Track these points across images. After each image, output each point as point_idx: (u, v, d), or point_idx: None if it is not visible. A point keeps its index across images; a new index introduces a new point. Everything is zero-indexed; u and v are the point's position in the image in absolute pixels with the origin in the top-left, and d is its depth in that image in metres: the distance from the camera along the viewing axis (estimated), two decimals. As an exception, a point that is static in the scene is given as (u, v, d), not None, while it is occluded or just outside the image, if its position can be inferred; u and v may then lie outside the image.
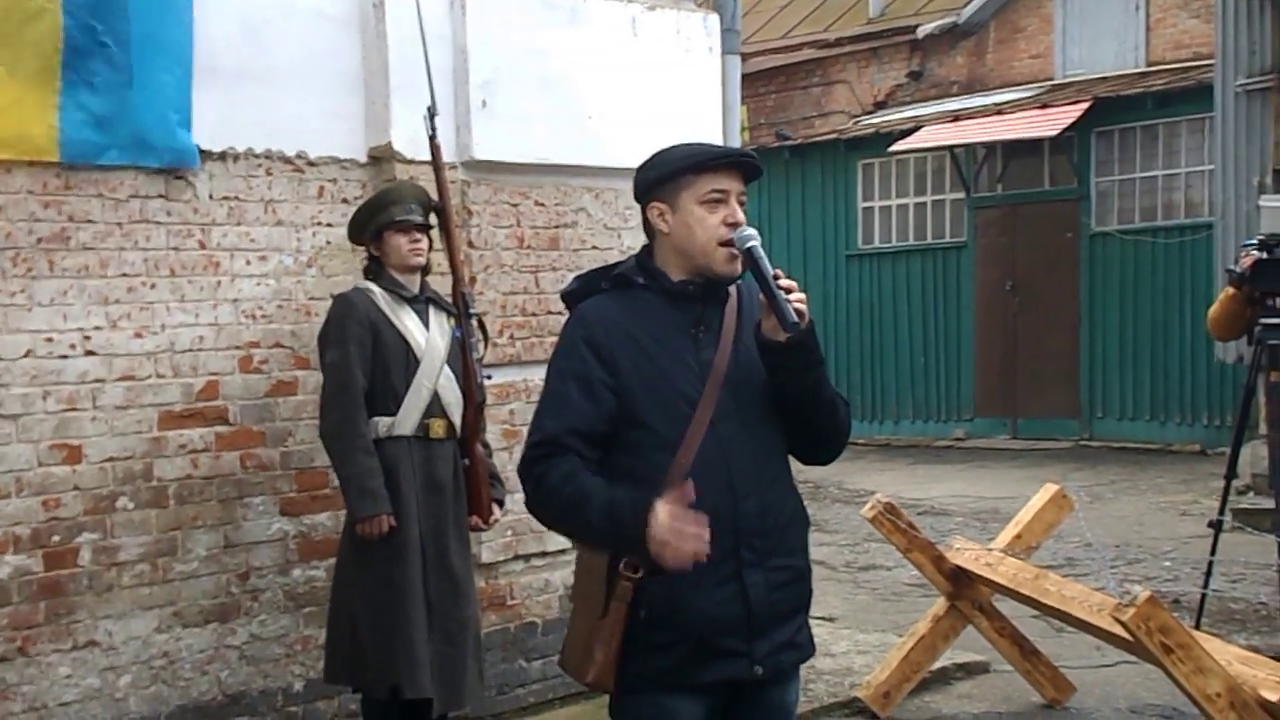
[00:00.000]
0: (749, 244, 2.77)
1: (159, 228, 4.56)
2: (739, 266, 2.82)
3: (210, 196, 4.67)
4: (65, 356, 4.36)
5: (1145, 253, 13.37)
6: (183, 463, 4.61)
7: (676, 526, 2.64)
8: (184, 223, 4.62)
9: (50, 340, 4.33)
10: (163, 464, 4.57)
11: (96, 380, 4.43)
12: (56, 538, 4.34)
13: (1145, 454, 12.83)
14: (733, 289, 2.91)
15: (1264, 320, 5.66)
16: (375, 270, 4.58)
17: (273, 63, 4.76)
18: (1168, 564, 8.21)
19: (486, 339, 4.79)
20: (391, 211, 4.52)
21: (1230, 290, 5.83)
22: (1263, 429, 6.14)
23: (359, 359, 4.40)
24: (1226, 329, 6.09)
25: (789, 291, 2.73)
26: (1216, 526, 5.88)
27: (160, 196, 4.56)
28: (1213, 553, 5.89)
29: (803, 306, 2.74)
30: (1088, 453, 13.23)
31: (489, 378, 4.74)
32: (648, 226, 2.91)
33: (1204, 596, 6.01)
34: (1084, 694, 5.67)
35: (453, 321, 4.62)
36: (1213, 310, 6.11)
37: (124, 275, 4.49)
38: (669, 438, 2.77)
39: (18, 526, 4.26)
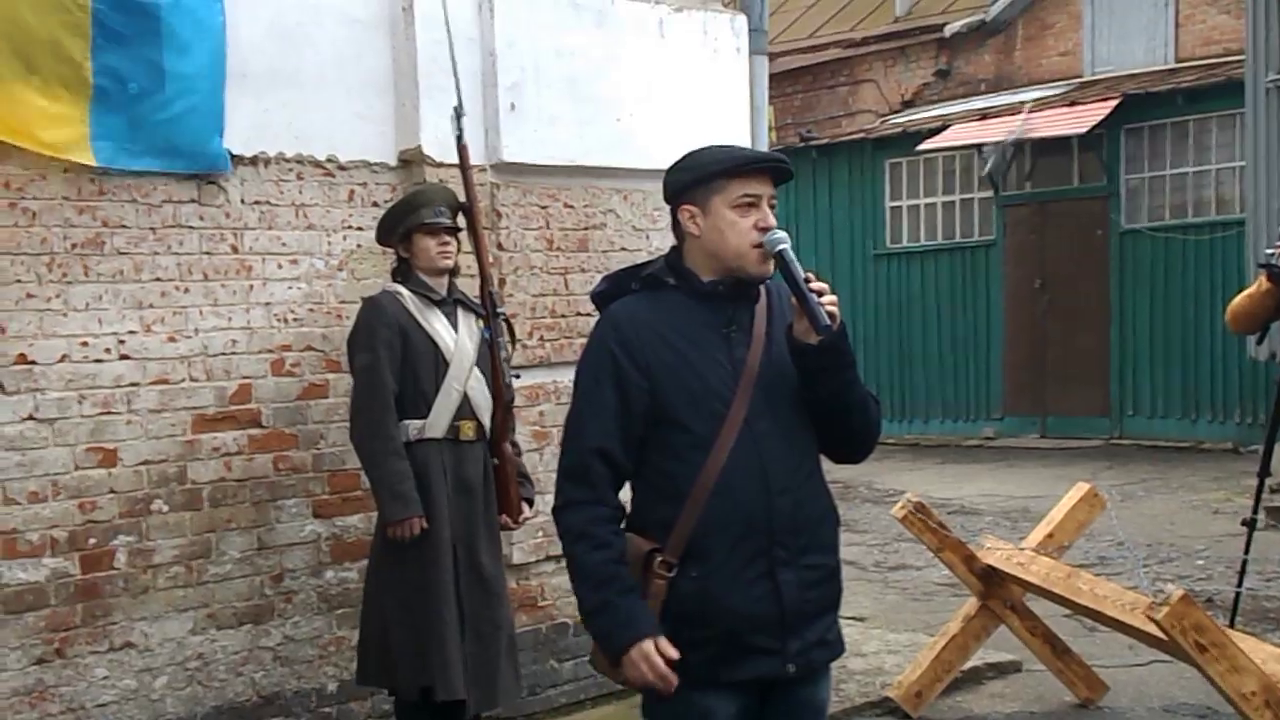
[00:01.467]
0: (780, 247, 2.78)
1: (192, 232, 4.60)
2: (771, 268, 2.83)
3: (242, 201, 4.71)
4: (100, 361, 4.41)
5: (1176, 250, 13.28)
6: (216, 465, 4.65)
7: (648, 670, 2.73)
8: (216, 227, 4.65)
9: (85, 345, 4.38)
10: (197, 467, 4.61)
11: (131, 384, 4.47)
12: (93, 540, 4.38)
13: (1177, 452, 12.75)
14: (762, 289, 2.92)
15: None
16: (404, 273, 4.60)
17: (303, 67, 4.80)
18: (1201, 563, 8.16)
19: (514, 340, 4.81)
20: (420, 214, 4.54)
21: (1266, 285, 5.65)
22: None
23: (388, 362, 4.42)
24: (1250, 323, 5.88)
25: (820, 294, 2.74)
26: (1250, 525, 5.82)
27: (193, 201, 4.60)
28: (1246, 551, 5.84)
29: (834, 309, 2.75)
30: (1118, 451, 13.16)
31: (517, 378, 4.76)
32: (677, 228, 2.92)
33: (1238, 595, 5.95)
34: (1117, 693, 5.64)
35: (481, 323, 4.63)
36: (1238, 302, 5.86)
37: (157, 280, 4.53)
38: (703, 436, 2.78)
39: (55, 529, 4.31)
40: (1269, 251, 5.70)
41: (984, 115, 14.76)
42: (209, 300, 4.64)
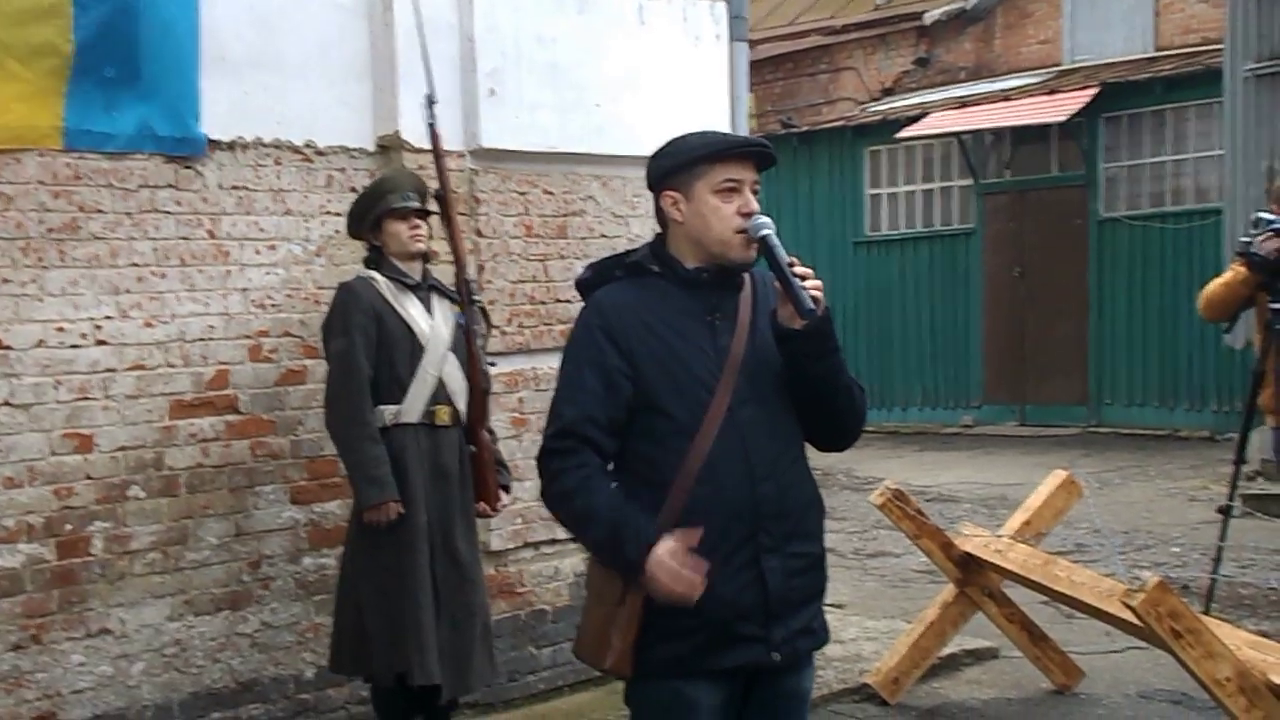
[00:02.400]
0: (763, 232, 2.78)
1: (168, 217, 4.57)
2: (754, 254, 2.83)
3: (219, 186, 4.68)
4: (76, 346, 4.38)
5: (1154, 238, 13.35)
6: (193, 451, 4.63)
7: (673, 566, 2.67)
8: (193, 212, 4.63)
9: (61, 330, 4.35)
10: (174, 453, 4.59)
11: (107, 370, 4.45)
12: (69, 526, 4.36)
13: (1154, 440, 12.83)
14: (746, 276, 2.91)
15: (1274, 305, 5.57)
16: (376, 260, 4.58)
17: (282, 52, 4.77)
18: (1177, 549, 8.21)
19: (490, 326, 4.80)
20: (389, 200, 4.53)
21: (1242, 272, 5.67)
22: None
23: (363, 347, 4.40)
24: (1223, 310, 5.91)
25: (804, 279, 2.74)
26: (1226, 512, 5.86)
27: (170, 186, 4.57)
28: (1222, 538, 5.88)
29: (818, 294, 2.75)
30: (1096, 439, 13.22)
31: (493, 365, 4.75)
32: (661, 215, 2.91)
33: (1213, 582, 6.00)
34: (1093, 679, 5.68)
35: (456, 309, 4.62)
36: (1213, 289, 5.88)
37: (134, 265, 4.50)
38: (687, 424, 2.78)
39: (30, 515, 4.28)
40: (1244, 239, 5.73)
41: (963, 103, 14.79)
42: (186, 285, 4.61)
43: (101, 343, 4.43)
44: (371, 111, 5.02)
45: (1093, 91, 13.41)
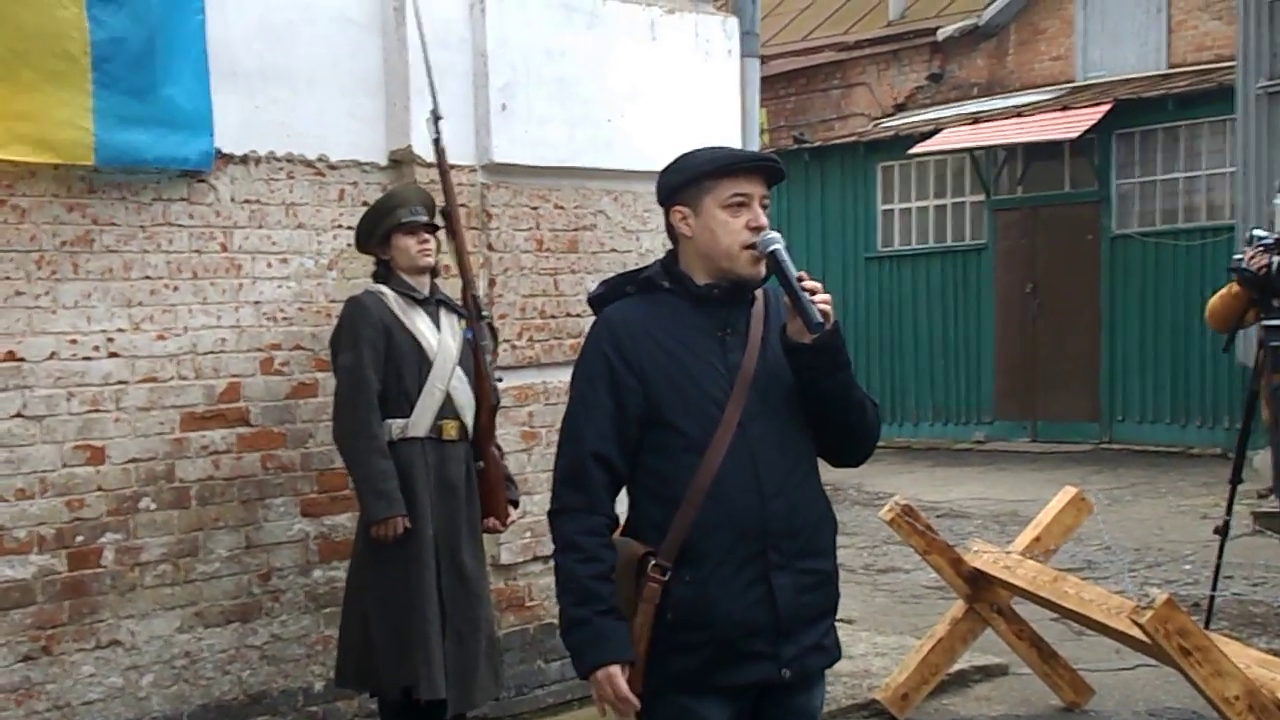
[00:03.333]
0: (772, 247, 2.78)
1: (181, 230, 4.60)
2: (763, 270, 2.83)
3: (232, 199, 4.71)
4: (89, 358, 4.40)
5: (1166, 255, 13.32)
6: (204, 464, 4.65)
7: (610, 695, 2.78)
8: (206, 226, 4.65)
9: (74, 342, 4.37)
10: (185, 465, 4.61)
11: (120, 382, 4.47)
12: (80, 538, 4.38)
13: (1166, 457, 12.79)
14: (759, 292, 2.92)
15: (1266, 323, 5.59)
16: (385, 274, 4.60)
17: (294, 66, 4.80)
18: (1188, 567, 8.18)
19: (497, 342, 4.81)
20: (397, 214, 4.55)
21: (1235, 289, 5.74)
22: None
23: (372, 361, 4.42)
24: (1225, 324, 6.03)
25: (813, 293, 2.74)
26: (1223, 531, 5.85)
27: (183, 200, 4.60)
28: (1219, 557, 5.87)
29: (828, 308, 2.74)
30: (1108, 456, 13.18)
31: (500, 380, 4.76)
32: (671, 230, 2.92)
33: (1212, 599, 6.00)
34: (1103, 697, 5.66)
35: (464, 323, 4.63)
36: (1215, 302, 6.01)
37: (147, 278, 4.53)
38: (697, 440, 2.78)
39: (42, 527, 4.30)
40: (1237, 256, 5.78)
41: (976, 119, 14.79)
42: (198, 298, 4.64)
43: (114, 355, 4.45)
44: (384, 126, 5.05)
45: (1105, 108, 13.40)
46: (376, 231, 4.58)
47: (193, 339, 4.62)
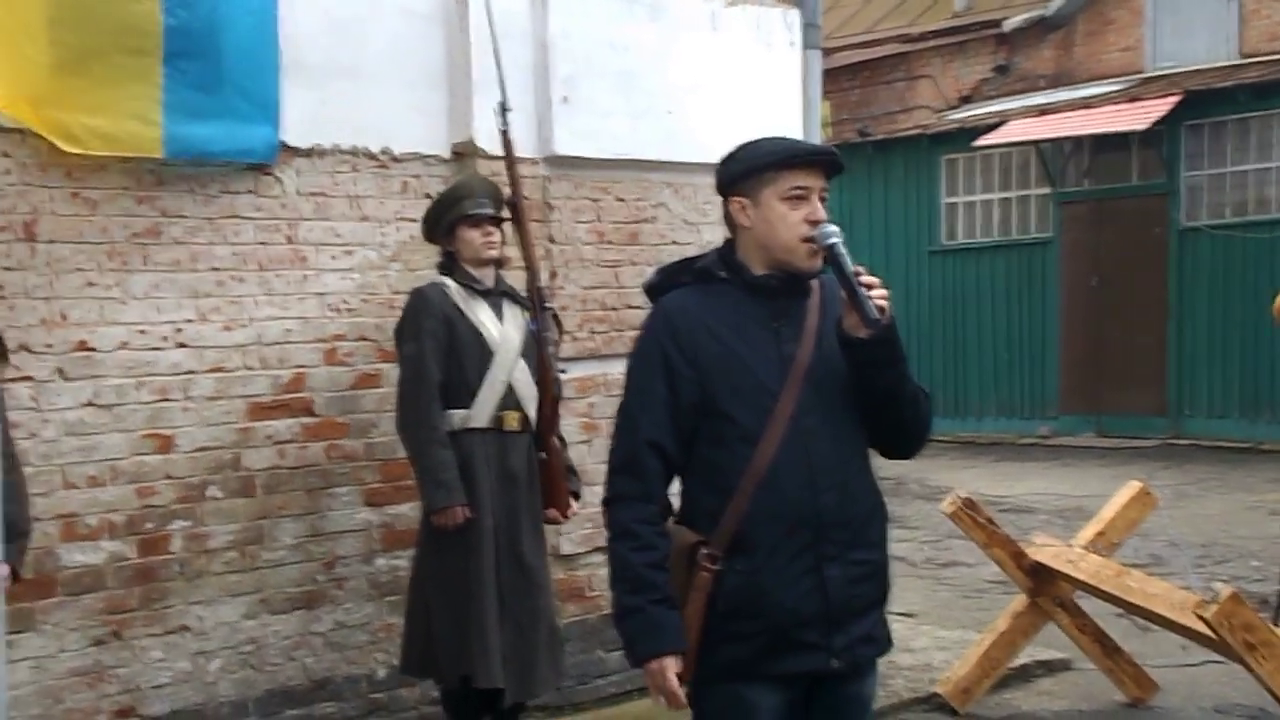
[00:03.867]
0: (830, 240, 2.77)
1: (247, 223, 4.67)
2: (820, 262, 2.82)
3: (297, 192, 4.77)
4: (158, 349, 4.48)
5: (1236, 248, 13.13)
6: (270, 453, 4.72)
7: (658, 687, 2.81)
8: (272, 218, 4.72)
9: (143, 333, 4.45)
10: (251, 454, 4.68)
11: (188, 372, 4.55)
12: (150, 525, 4.46)
13: (1235, 452, 12.61)
14: (814, 283, 2.91)
15: None
16: (449, 265, 4.64)
17: (359, 59, 4.85)
18: (1256, 564, 8.06)
19: (561, 333, 4.83)
20: (463, 206, 4.58)
21: None
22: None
23: (433, 352, 4.45)
24: None
25: (871, 288, 2.73)
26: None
27: (249, 192, 4.67)
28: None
29: (884, 303, 2.73)
30: (1175, 451, 13.02)
31: (564, 371, 4.78)
32: (729, 220, 2.92)
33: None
34: (1168, 693, 5.60)
35: (527, 315, 4.66)
36: None
37: (214, 269, 4.60)
38: (751, 430, 2.79)
39: (113, 514, 4.39)
40: None
41: (1043, 111, 14.64)
42: (264, 290, 4.71)
43: (182, 345, 4.53)
44: (446, 118, 5.09)
45: (1175, 99, 13.22)
46: (442, 222, 4.62)
47: (258, 330, 4.69)
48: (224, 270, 4.62)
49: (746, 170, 2.86)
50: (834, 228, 2.80)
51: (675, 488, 2.92)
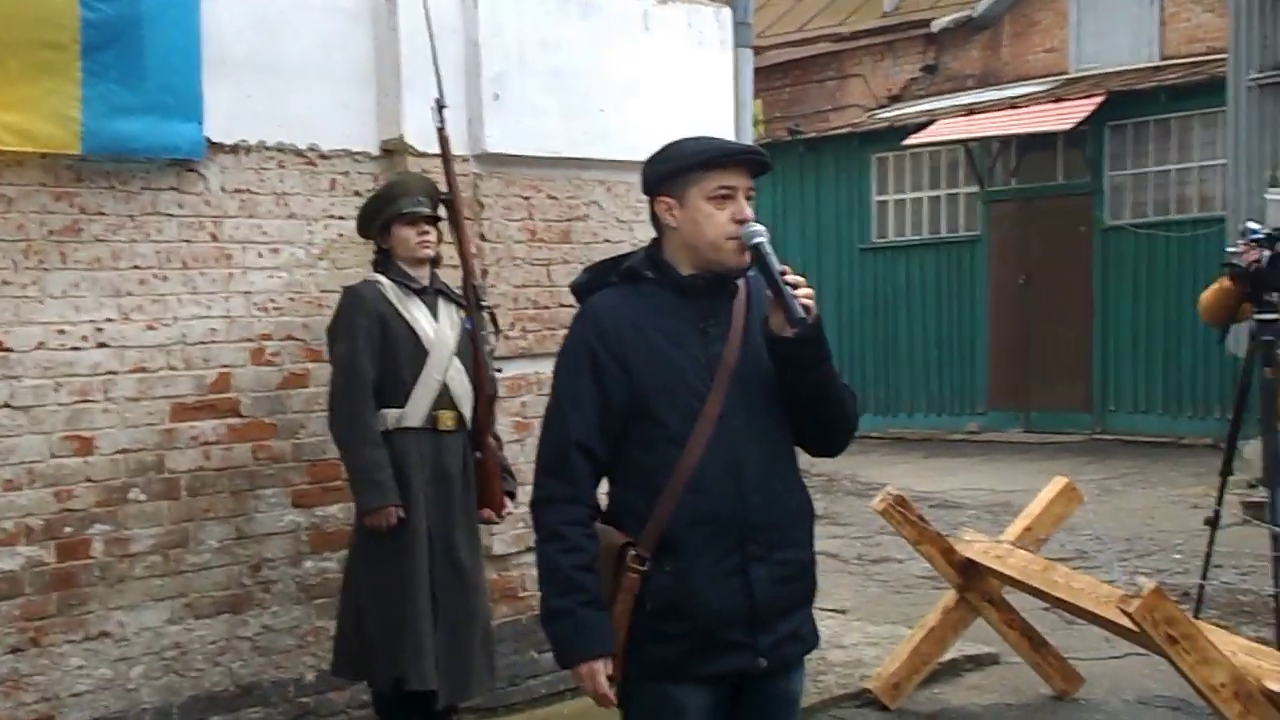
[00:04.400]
0: (756, 240, 2.78)
1: (171, 220, 4.59)
2: (747, 260, 2.83)
3: (222, 189, 4.70)
4: (77, 349, 4.39)
5: (1158, 247, 13.34)
6: (195, 454, 4.64)
7: (591, 689, 2.80)
8: (196, 215, 4.64)
9: (62, 332, 4.36)
10: (175, 456, 4.60)
11: (109, 372, 4.46)
12: (69, 529, 4.37)
13: (1157, 447, 12.81)
14: (740, 283, 2.92)
15: (1259, 316, 5.58)
16: (384, 263, 4.59)
17: (285, 55, 4.78)
18: (1178, 556, 8.20)
19: (498, 332, 4.80)
20: (399, 204, 4.54)
21: (1228, 284, 5.72)
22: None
23: (367, 351, 4.41)
24: (1218, 317, 5.99)
25: (796, 287, 2.74)
26: (1213, 521, 5.86)
27: (172, 189, 4.59)
28: (1210, 546, 5.87)
29: (809, 302, 2.74)
30: (1100, 446, 13.21)
31: (499, 371, 4.75)
32: (656, 220, 2.92)
33: (1201, 588, 6.01)
34: (1092, 685, 5.67)
35: (463, 314, 4.63)
36: (1207, 295, 5.98)
37: (136, 267, 4.51)
38: (679, 432, 2.79)
39: (30, 518, 4.30)
40: (1230, 250, 5.77)
41: (970, 111, 14.79)
42: (188, 288, 4.63)
43: (103, 345, 4.44)
44: (375, 115, 5.04)
45: (1098, 100, 13.41)
46: (377, 220, 4.57)
47: (182, 329, 4.62)
48: (146, 268, 4.54)
49: (672, 170, 2.86)
50: (759, 226, 2.81)
51: (605, 488, 2.92)
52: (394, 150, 5.04)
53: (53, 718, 4.34)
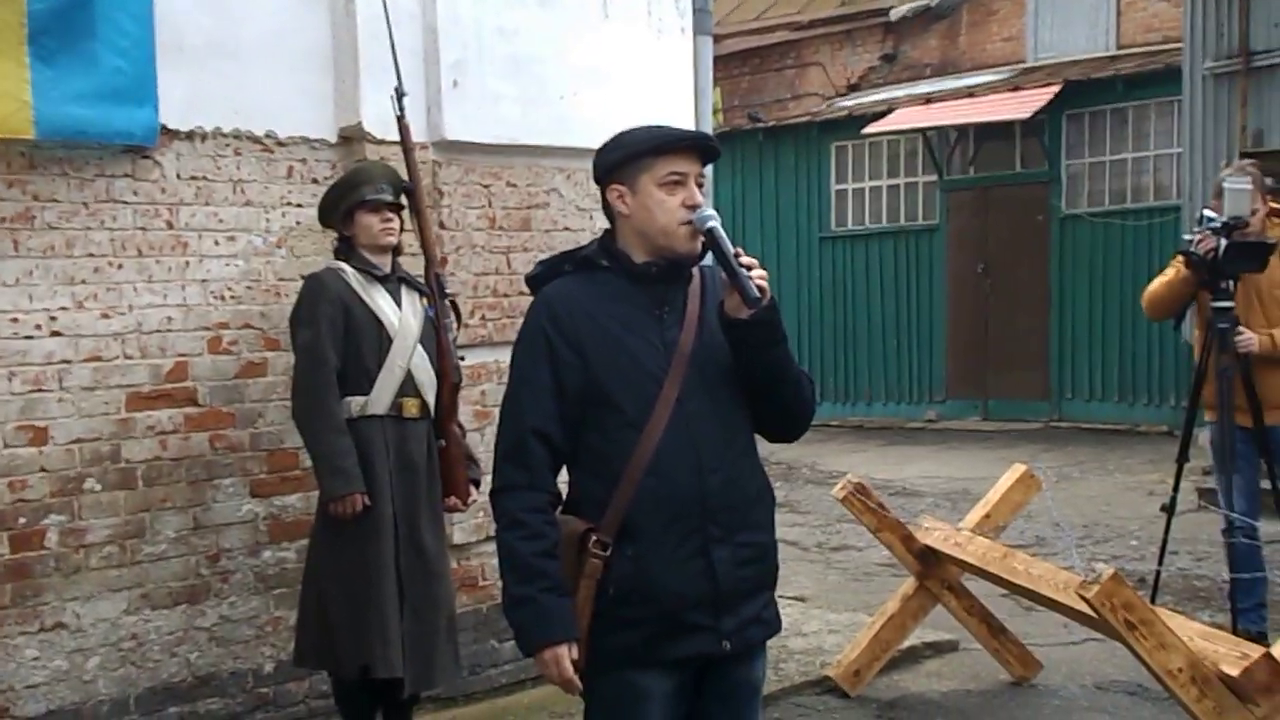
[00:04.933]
0: (709, 224, 2.80)
1: (125, 207, 4.54)
2: (700, 246, 2.85)
3: (178, 176, 4.65)
4: (30, 337, 4.34)
5: (1115, 235, 13.44)
6: (151, 444, 4.60)
7: (554, 675, 2.79)
8: (151, 202, 4.59)
9: (15, 321, 4.30)
10: (131, 445, 4.55)
11: (63, 361, 4.41)
12: (23, 520, 4.32)
13: (1113, 435, 12.93)
14: (695, 270, 2.94)
15: (1215, 304, 5.62)
16: (346, 251, 4.57)
17: (241, 41, 4.74)
18: (1134, 543, 8.28)
19: (460, 320, 4.79)
20: (361, 191, 4.51)
21: (1184, 273, 5.73)
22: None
23: (331, 338, 4.39)
24: (1167, 308, 5.97)
25: (750, 269, 2.75)
26: (1169, 508, 5.91)
27: (127, 176, 4.53)
28: (1165, 533, 5.93)
29: (764, 283, 2.76)
30: (1057, 434, 13.31)
31: (463, 359, 4.74)
32: (608, 209, 2.93)
33: (1158, 574, 6.06)
34: (1051, 671, 5.72)
35: (425, 301, 4.61)
36: (1156, 288, 5.93)
37: (90, 255, 4.46)
38: (636, 417, 2.80)
39: (-16, 508, 4.24)
40: (1187, 238, 5.79)
41: (928, 100, 14.84)
42: (143, 276, 4.58)
43: (56, 334, 4.39)
44: (333, 102, 5.00)
45: (1055, 89, 13.48)
46: (339, 207, 4.54)
47: (138, 317, 4.57)
48: (101, 256, 4.48)
49: (623, 158, 2.87)
50: (712, 211, 2.84)
51: (565, 476, 2.91)
52: (352, 137, 5.00)
53: (7, 710, 4.29)
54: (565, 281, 2.92)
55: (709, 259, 2.88)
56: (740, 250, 2.77)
